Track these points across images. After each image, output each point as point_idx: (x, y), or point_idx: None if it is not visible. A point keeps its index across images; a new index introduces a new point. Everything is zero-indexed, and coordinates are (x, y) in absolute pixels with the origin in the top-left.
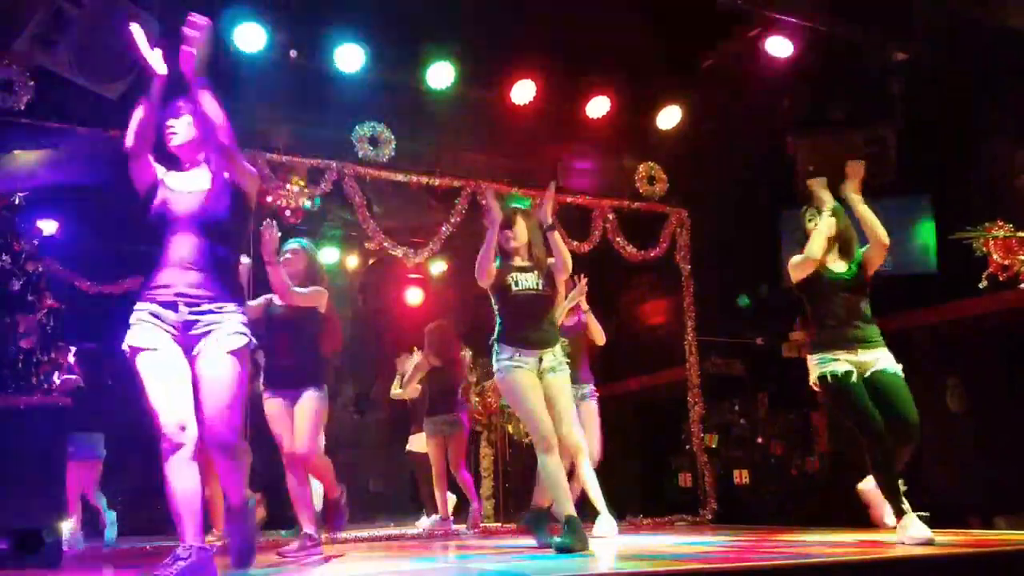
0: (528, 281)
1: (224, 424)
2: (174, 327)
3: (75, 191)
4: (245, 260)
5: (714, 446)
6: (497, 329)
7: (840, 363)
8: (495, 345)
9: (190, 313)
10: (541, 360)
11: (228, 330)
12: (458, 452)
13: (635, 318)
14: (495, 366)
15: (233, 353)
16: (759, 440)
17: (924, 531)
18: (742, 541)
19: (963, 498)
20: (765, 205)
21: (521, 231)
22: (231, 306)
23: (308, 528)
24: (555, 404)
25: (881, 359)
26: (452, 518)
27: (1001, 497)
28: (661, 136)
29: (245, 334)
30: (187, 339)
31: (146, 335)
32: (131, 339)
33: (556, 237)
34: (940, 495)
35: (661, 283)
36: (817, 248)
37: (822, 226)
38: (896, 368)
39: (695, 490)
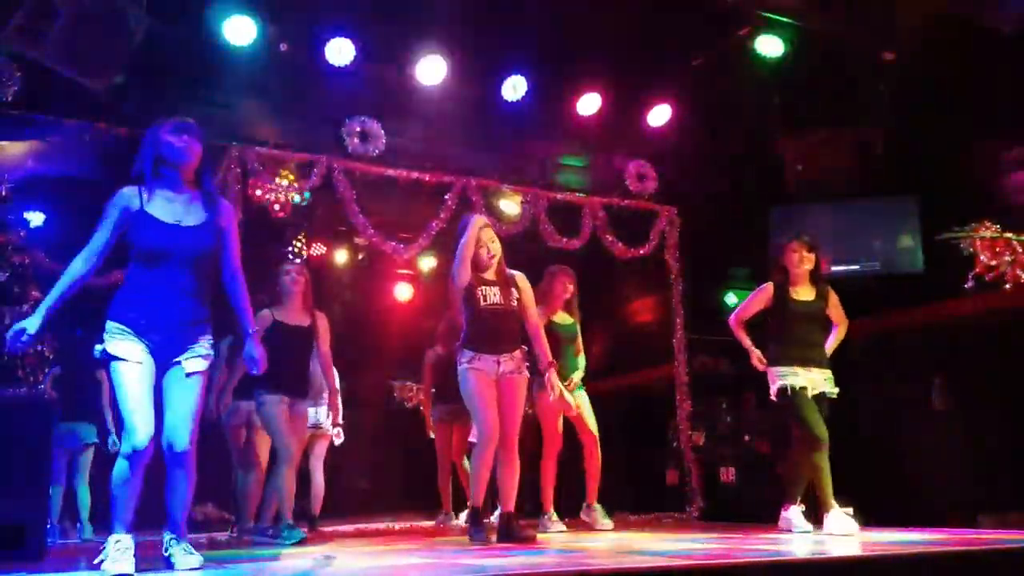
0: (495, 296)
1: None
2: None
3: (62, 183)
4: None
5: (701, 444)
6: (463, 333)
7: (799, 378)
8: (460, 350)
9: None
10: (499, 363)
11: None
12: (463, 441)
13: (623, 316)
14: (459, 366)
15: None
16: (746, 438)
17: (850, 524)
18: (728, 538)
19: (948, 496)
20: (754, 203)
21: (496, 246)
22: None
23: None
24: (505, 404)
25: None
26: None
27: (986, 496)
28: (651, 134)
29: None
30: None
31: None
32: None
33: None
34: (925, 493)
35: (650, 281)
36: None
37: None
38: (833, 392)
39: (682, 487)
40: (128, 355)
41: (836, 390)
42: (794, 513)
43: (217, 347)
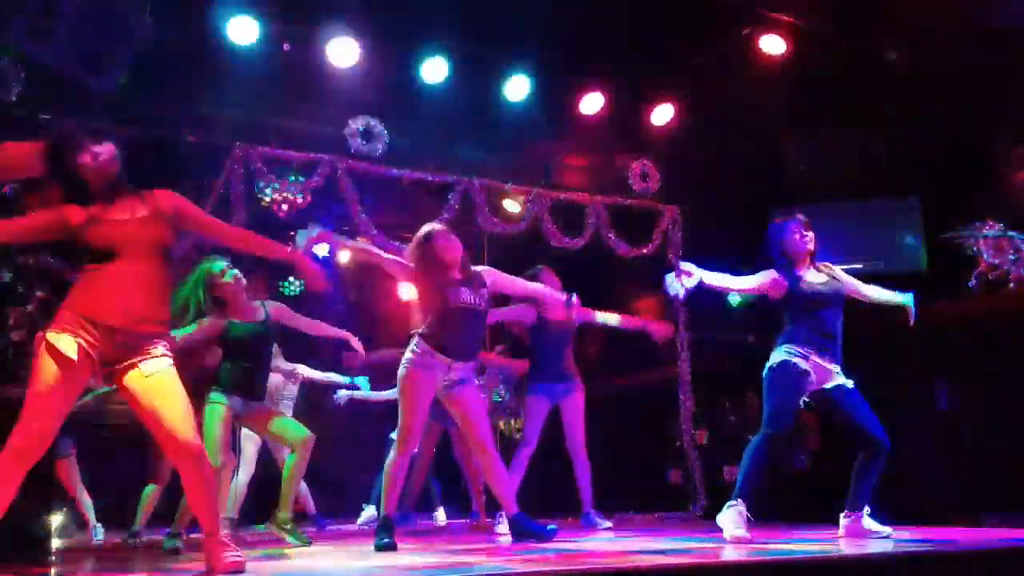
0: (465, 296)
1: None
2: None
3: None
4: None
5: (704, 443)
6: (423, 327)
7: (808, 362)
8: (415, 337)
9: None
10: (450, 369)
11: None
12: (461, 441)
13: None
14: (406, 355)
15: None
16: (749, 437)
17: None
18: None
19: (951, 496)
20: (757, 202)
21: (455, 242)
22: None
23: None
24: (469, 414)
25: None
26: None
27: (989, 495)
28: (654, 133)
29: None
30: None
31: None
32: None
33: None
34: (928, 493)
35: (652, 280)
36: None
37: None
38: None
39: (685, 486)
40: None
41: (850, 381)
42: (868, 522)
43: None
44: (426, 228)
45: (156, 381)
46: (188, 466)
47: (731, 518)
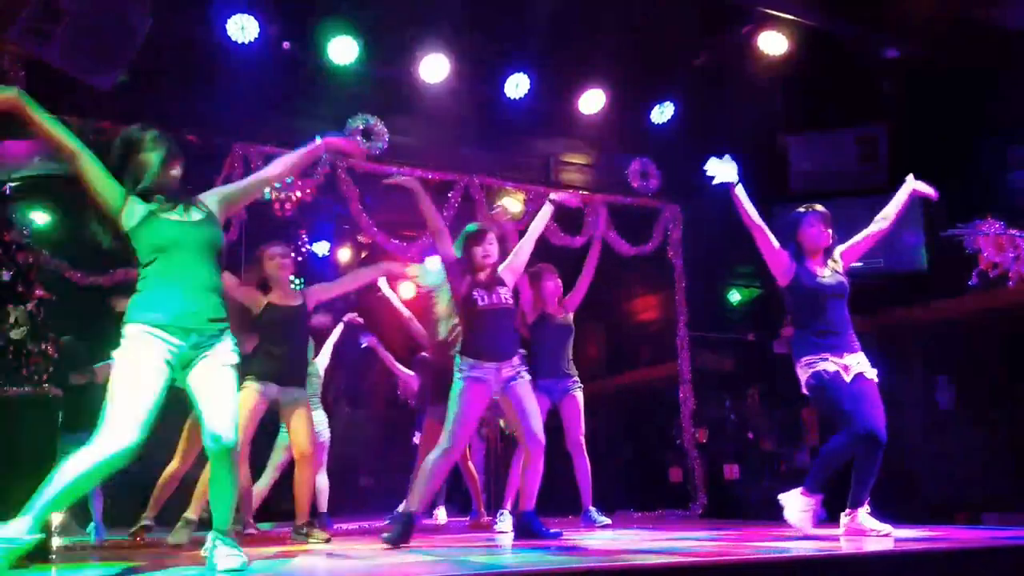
0: (492, 296)
1: None
2: None
3: (66, 181)
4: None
5: (704, 441)
6: (461, 340)
7: (829, 363)
8: (456, 356)
9: None
10: (500, 371)
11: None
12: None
13: (627, 313)
14: (456, 374)
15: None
16: (749, 435)
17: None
18: (731, 536)
19: (952, 495)
20: (757, 201)
21: (494, 249)
22: None
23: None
24: (517, 410)
25: (861, 363)
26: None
27: (990, 494)
28: (654, 131)
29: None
30: None
31: None
32: None
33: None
34: (930, 492)
35: (653, 278)
36: None
37: None
38: (872, 373)
39: (685, 485)
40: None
41: (875, 371)
42: (864, 519)
43: None
44: (480, 224)
45: (223, 374)
46: (222, 462)
47: (801, 505)
